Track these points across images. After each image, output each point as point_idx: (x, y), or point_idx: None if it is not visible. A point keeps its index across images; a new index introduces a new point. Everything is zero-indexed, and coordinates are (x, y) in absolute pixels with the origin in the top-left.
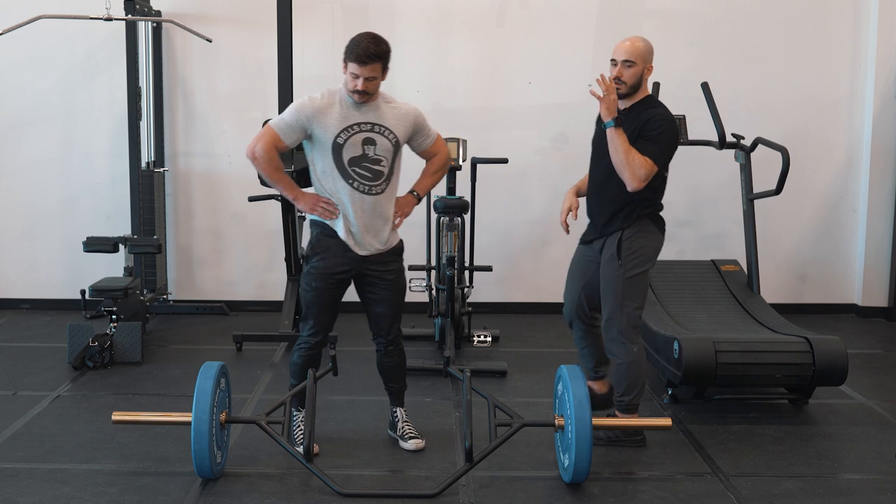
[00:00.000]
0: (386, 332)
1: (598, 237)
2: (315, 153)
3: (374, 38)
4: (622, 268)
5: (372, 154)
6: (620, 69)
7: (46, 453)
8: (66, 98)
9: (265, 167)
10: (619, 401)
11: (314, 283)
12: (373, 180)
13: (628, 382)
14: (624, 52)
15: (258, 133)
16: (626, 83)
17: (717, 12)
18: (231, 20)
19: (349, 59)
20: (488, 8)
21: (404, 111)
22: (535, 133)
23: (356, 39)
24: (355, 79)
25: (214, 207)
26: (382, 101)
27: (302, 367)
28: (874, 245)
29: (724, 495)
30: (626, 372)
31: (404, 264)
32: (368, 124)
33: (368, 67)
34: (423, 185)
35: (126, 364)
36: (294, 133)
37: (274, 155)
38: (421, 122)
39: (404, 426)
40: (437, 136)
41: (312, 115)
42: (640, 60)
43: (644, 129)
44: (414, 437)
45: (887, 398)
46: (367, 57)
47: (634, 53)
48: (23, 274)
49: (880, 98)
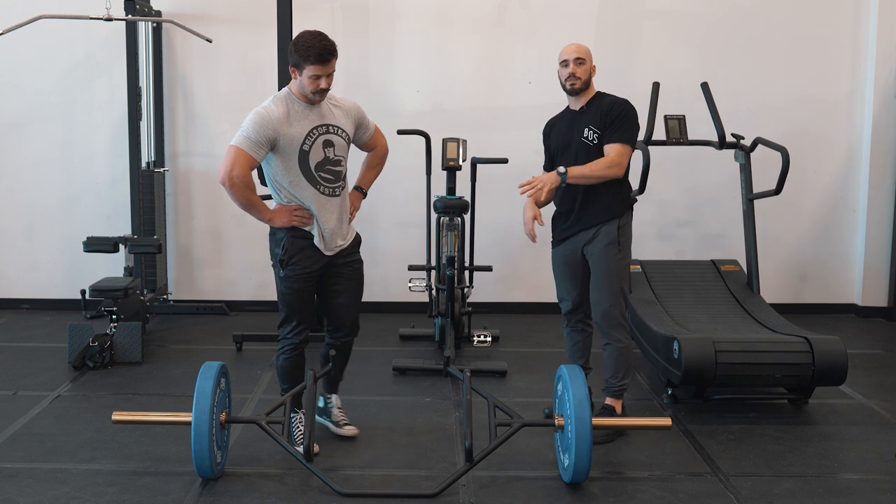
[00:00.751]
0: (349, 324)
1: (582, 229)
2: (277, 164)
3: (321, 34)
4: (621, 253)
5: (332, 156)
6: (574, 67)
7: (46, 453)
8: (66, 98)
9: (242, 191)
10: (620, 385)
11: (294, 285)
12: (335, 182)
13: (627, 366)
14: (574, 52)
15: (226, 157)
16: (580, 78)
17: (717, 12)
18: (231, 20)
19: (307, 62)
20: (488, 8)
21: (347, 107)
22: (535, 133)
23: (305, 41)
24: (317, 79)
25: (214, 207)
26: (326, 100)
27: (291, 370)
28: (874, 245)
29: (724, 495)
30: (626, 355)
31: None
32: (324, 126)
33: (330, 65)
34: (366, 179)
35: (126, 364)
36: (262, 148)
37: (250, 177)
38: (362, 115)
39: (339, 413)
40: (376, 128)
41: (277, 126)
42: (588, 58)
43: (608, 116)
44: (349, 423)
45: (887, 398)
46: (328, 54)
47: (584, 53)
48: (23, 274)
49: (880, 98)
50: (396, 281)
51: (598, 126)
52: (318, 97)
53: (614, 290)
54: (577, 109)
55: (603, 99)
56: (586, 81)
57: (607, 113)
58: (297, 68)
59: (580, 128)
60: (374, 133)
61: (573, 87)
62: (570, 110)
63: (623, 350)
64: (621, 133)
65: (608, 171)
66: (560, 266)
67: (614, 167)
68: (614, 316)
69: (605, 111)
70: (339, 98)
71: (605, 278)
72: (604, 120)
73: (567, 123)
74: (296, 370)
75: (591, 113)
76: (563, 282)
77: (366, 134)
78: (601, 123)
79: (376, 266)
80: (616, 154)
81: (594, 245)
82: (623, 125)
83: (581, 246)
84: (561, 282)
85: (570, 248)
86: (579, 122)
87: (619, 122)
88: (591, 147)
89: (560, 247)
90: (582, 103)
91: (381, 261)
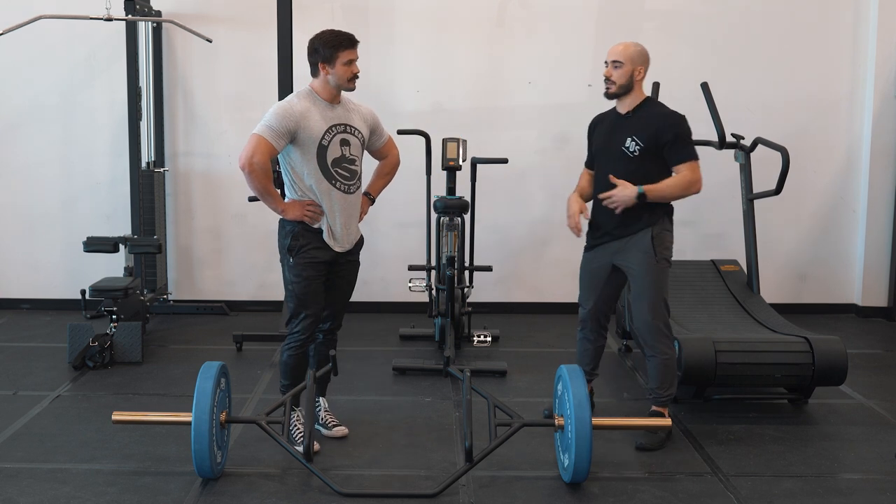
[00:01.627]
0: (335, 318)
1: (613, 239)
2: (297, 157)
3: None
4: (659, 263)
5: (348, 154)
6: (609, 69)
7: (46, 453)
8: (66, 98)
9: (261, 178)
10: (666, 395)
11: (305, 273)
12: (350, 179)
13: (672, 376)
14: (613, 54)
15: (248, 144)
16: (614, 82)
17: (717, 12)
18: (231, 20)
19: (340, 49)
20: (488, 8)
21: (364, 111)
22: (535, 133)
23: (329, 35)
24: (351, 65)
25: (214, 207)
26: (346, 101)
27: (294, 367)
28: (874, 245)
29: (724, 495)
30: (672, 366)
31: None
32: (342, 125)
33: (357, 49)
34: (376, 186)
35: (126, 364)
36: (283, 139)
37: (269, 165)
38: (378, 122)
39: (327, 416)
40: (389, 137)
41: (299, 119)
42: (628, 62)
43: (663, 135)
44: (338, 424)
45: (887, 398)
46: (356, 40)
47: (623, 55)
48: (23, 274)
49: (880, 98)
50: (396, 281)
51: (644, 139)
52: (352, 84)
53: (655, 301)
54: (622, 113)
55: (652, 108)
56: (623, 86)
57: (662, 132)
58: (327, 62)
59: (622, 135)
60: (388, 142)
61: (606, 91)
62: (616, 112)
63: (668, 361)
64: (687, 151)
65: (689, 191)
66: (586, 271)
67: (695, 184)
68: (657, 327)
69: (658, 129)
70: (357, 103)
71: (644, 290)
72: (658, 138)
73: (610, 126)
74: (299, 367)
75: (636, 121)
76: (584, 287)
77: (379, 141)
78: (648, 137)
79: (376, 266)
80: (690, 171)
81: (628, 257)
82: (685, 142)
83: (611, 255)
84: (583, 287)
85: (600, 255)
86: (622, 128)
87: (681, 141)
88: (630, 158)
89: (590, 252)
90: (628, 108)
91: (381, 261)
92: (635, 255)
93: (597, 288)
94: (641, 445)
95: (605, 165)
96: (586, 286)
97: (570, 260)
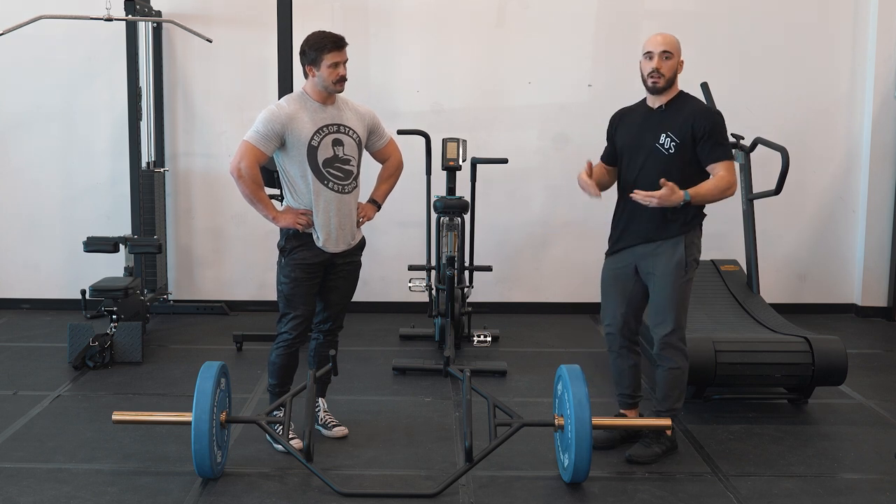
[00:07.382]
0: (335, 319)
1: (642, 241)
2: (288, 159)
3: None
4: (687, 275)
5: (342, 154)
6: (659, 61)
7: (46, 453)
8: (67, 98)
9: (249, 185)
10: (673, 408)
11: (293, 274)
12: (344, 179)
13: (681, 390)
14: (661, 44)
15: (237, 150)
16: (664, 75)
17: (717, 12)
18: (231, 20)
19: (324, 52)
20: (488, 8)
21: (362, 112)
22: (535, 133)
23: (316, 36)
24: (337, 67)
25: (214, 207)
26: (341, 102)
27: (281, 367)
28: (873, 245)
29: (724, 495)
30: (682, 378)
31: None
32: (335, 125)
33: (344, 51)
34: (380, 191)
35: (126, 364)
36: (271, 142)
37: (258, 171)
38: (376, 123)
39: (326, 416)
40: (391, 140)
41: (286, 122)
42: (676, 53)
43: (699, 129)
44: (337, 425)
45: (887, 398)
46: (341, 41)
47: (672, 46)
48: (23, 274)
49: (880, 98)
50: (396, 281)
51: (679, 135)
52: (339, 86)
53: (679, 314)
54: (654, 108)
55: (686, 102)
56: (670, 80)
57: (698, 126)
58: (313, 65)
59: (656, 132)
60: (389, 144)
61: (655, 86)
62: (646, 106)
63: (678, 373)
64: (724, 149)
65: (726, 194)
66: (610, 279)
67: (732, 186)
68: (674, 341)
69: (694, 123)
70: (355, 103)
71: (668, 303)
72: (693, 133)
73: (641, 121)
74: (286, 368)
75: (671, 116)
76: (610, 298)
77: (379, 142)
78: (684, 134)
79: (376, 266)
80: (727, 172)
81: (656, 265)
82: (723, 139)
83: (636, 259)
84: (608, 298)
85: (624, 259)
86: (656, 124)
87: (718, 137)
88: (665, 156)
89: (613, 257)
90: (661, 102)
91: (381, 261)
92: (665, 262)
93: (623, 294)
94: (632, 458)
95: (634, 162)
96: (611, 294)
97: (570, 260)
